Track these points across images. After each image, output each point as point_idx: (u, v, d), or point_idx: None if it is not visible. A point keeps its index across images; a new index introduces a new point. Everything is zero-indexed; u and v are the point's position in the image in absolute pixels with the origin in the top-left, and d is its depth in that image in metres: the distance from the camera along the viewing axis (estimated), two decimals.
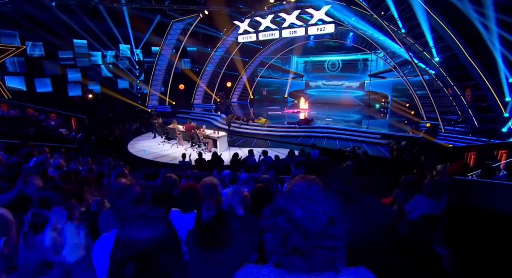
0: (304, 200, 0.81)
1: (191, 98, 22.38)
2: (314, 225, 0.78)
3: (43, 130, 10.34)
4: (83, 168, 5.89)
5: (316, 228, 0.78)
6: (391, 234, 4.78)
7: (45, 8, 13.98)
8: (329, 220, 0.80)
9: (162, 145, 12.92)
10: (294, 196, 0.83)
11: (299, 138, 13.83)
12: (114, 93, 19.01)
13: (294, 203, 0.80)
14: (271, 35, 16.97)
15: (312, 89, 25.10)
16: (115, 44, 18.82)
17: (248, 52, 22.22)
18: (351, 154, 8.90)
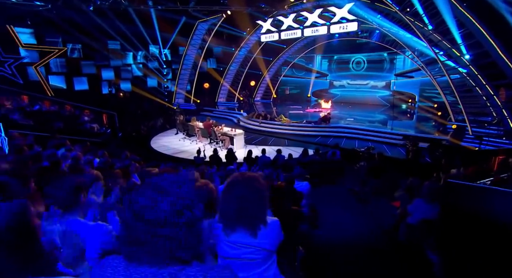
0: (151, 190, 0.79)
1: (215, 97, 22.77)
2: (154, 214, 0.76)
3: (73, 124, 11.07)
4: (100, 160, 6.23)
5: (155, 217, 0.76)
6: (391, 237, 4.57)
7: (83, 13, 14.90)
8: (173, 210, 0.78)
9: (182, 141, 13.29)
10: (143, 186, 0.82)
11: (317, 137, 13.56)
12: (143, 91, 19.84)
13: (139, 193, 0.79)
14: (293, 34, 16.78)
15: (336, 88, 24.45)
16: (145, 45, 19.61)
17: (271, 51, 22.13)
18: (365, 155, 8.57)
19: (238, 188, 1.43)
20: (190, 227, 0.80)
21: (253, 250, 1.46)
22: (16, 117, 8.90)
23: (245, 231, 1.44)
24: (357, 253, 4.46)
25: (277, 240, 1.51)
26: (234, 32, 20.06)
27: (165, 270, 0.78)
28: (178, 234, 0.78)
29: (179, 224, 0.78)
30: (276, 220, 1.53)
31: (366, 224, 5.82)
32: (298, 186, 4.42)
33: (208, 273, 0.80)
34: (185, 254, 0.80)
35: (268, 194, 1.49)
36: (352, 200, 7.48)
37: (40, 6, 13.40)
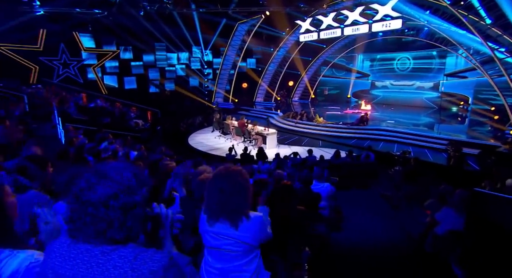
0: (91, 174, 0.85)
1: (253, 97, 23.04)
2: (89, 196, 0.81)
3: (120, 120, 12.04)
4: (138, 153, 6.70)
5: (89, 198, 0.81)
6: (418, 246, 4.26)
7: (134, 18, 16.11)
8: (107, 193, 0.82)
9: (218, 139, 13.69)
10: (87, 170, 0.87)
11: (353, 139, 13.03)
12: (185, 90, 20.82)
13: (80, 177, 0.85)
14: (332, 33, 16.31)
15: (378, 89, 23.19)
16: (188, 47, 20.55)
17: (311, 51, 21.73)
18: (400, 159, 8.02)
19: (219, 181, 1.46)
20: (126, 211, 0.84)
21: (233, 242, 1.48)
22: (73, 112, 9.99)
23: (227, 222, 1.47)
24: (378, 260, 4.23)
25: (258, 235, 1.51)
26: (273, 33, 20.10)
27: (98, 248, 0.83)
28: (110, 216, 0.82)
29: (114, 206, 0.82)
30: (259, 216, 1.53)
31: (394, 231, 5.49)
32: (317, 187, 4.30)
33: (140, 255, 0.84)
34: (118, 235, 0.84)
35: (250, 188, 1.50)
36: (383, 205, 7.09)
37: (98, 14, 14.79)
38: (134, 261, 0.82)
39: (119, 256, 0.83)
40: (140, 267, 0.82)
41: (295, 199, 2.59)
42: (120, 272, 0.80)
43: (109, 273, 0.80)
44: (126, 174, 0.88)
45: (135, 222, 0.87)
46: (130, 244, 0.86)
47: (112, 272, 0.80)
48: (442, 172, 8.09)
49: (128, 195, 0.85)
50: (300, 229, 2.53)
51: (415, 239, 4.55)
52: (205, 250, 1.57)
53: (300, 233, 2.53)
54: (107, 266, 0.81)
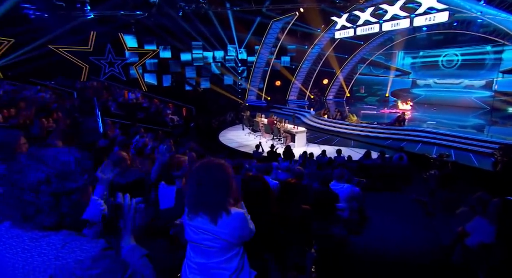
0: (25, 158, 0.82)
1: (286, 95, 22.79)
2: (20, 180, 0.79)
3: (155, 115, 12.63)
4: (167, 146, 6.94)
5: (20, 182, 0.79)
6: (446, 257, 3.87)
7: (172, 19, 16.77)
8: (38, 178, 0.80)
9: (247, 136, 13.75)
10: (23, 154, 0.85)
11: (388, 140, 12.27)
12: (220, 88, 21.22)
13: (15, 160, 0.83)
14: (370, 29, 15.51)
15: (420, 88, 21.58)
16: (223, 46, 20.89)
17: (347, 48, 20.88)
18: (437, 162, 7.35)
19: (198, 174, 1.41)
20: (58, 196, 0.82)
21: (211, 237, 1.42)
22: (112, 107, 10.72)
23: (206, 217, 1.42)
24: (400, 268, 3.92)
25: (238, 233, 1.44)
26: (308, 30, 19.63)
27: (28, 234, 0.81)
28: (40, 201, 0.79)
29: (44, 191, 0.80)
30: (240, 212, 1.46)
31: (424, 239, 5.05)
32: (336, 188, 4.09)
33: (69, 243, 0.81)
34: (47, 221, 0.81)
35: (230, 182, 1.43)
36: (415, 211, 6.58)
37: (140, 15, 15.65)
38: (61, 249, 0.79)
39: (48, 243, 0.80)
40: (66, 255, 0.79)
41: (299, 198, 2.46)
42: (43, 259, 0.78)
43: (33, 260, 0.78)
44: (64, 159, 0.85)
45: (70, 208, 0.84)
46: (63, 231, 0.83)
47: (36, 259, 0.78)
48: (486, 178, 7.26)
49: (62, 180, 0.82)
50: (304, 229, 2.40)
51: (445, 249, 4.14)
52: (188, 244, 1.53)
53: (303, 233, 2.40)
54: (32, 252, 0.78)
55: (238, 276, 1.48)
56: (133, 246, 1.08)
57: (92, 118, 8.83)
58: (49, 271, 0.76)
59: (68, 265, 0.78)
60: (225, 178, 1.41)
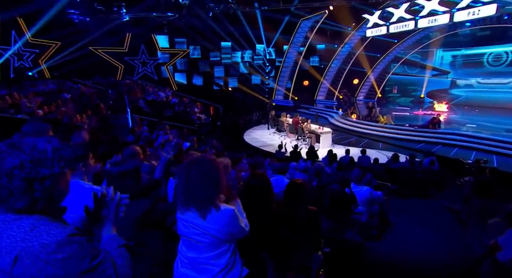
0: (5, 145, 0.86)
1: (314, 95, 22.39)
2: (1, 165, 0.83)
3: (183, 113, 13.02)
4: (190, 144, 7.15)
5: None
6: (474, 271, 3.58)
7: (202, 19, 17.20)
8: (13, 163, 0.82)
9: (272, 136, 13.70)
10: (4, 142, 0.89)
11: (420, 143, 11.56)
12: (247, 88, 21.36)
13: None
14: (404, 26, 14.75)
15: (460, 88, 20.08)
16: (251, 45, 21.00)
17: (379, 47, 19.95)
18: (473, 168, 6.77)
19: (188, 168, 1.41)
20: (31, 181, 0.85)
21: (200, 232, 1.42)
22: (142, 105, 11.23)
23: (195, 211, 1.42)
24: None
25: (227, 229, 1.42)
26: (338, 28, 19.10)
27: (2, 216, 0.84)
28: (12, 185, 0.83)
29: (17, 176, 0.83)
30: (230, 209, 1.44)
31: (451, 250, 4.67)
32: (355, 190, 3.92)
33: (38, 227, 0.83)
34: (18, 204, 0.84)
35: (220, 178, 1.42)
36: (446, 219, 6.12)
37: (171, 16, 16.24)
38: (29, 232, 0.82)
39: (18, 226, 0.82)
40: (32, 239, 0.81)
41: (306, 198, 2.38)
42: (11, 241, 0.80)
43: (2, 241, 0.80)
44: (41, 146, 0.88)
45: (43, 194, 0.87)
46: (36, 216, 0.86)
47: (5, 241, 0.80)
48: None
49: (36, 166, 0.85)
50: (311, 230, 2.33)
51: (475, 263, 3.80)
52: (180, 238, 1.55)
53: (310, 235, 2.32)
54: (2, 234, 0.81)
55: (228, 273, 1.46)
56: (113, 235, 1.10)
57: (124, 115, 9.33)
58: (15, 252, 0.79)
59: (33, 248, 0.80)
60: (214, 174, 1.40)
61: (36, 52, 15.16)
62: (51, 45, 15.42)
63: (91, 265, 0.86)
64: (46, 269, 0.79)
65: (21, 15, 13.94)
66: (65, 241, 0.83)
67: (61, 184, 0.92)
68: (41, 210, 0.88)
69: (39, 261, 0.79)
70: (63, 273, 0.81)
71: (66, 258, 0.82)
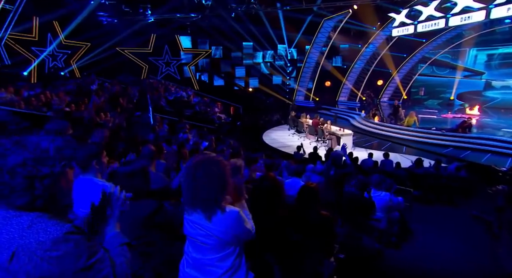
0: (10, 142, 0.88)
1: (336, 96, 21.96)
2: (1, 162, 0.84)
3: (203, 113, 13.23)
4: (208, 143, 7.25)
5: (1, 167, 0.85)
6: None
7: (224, 20, 17.39)
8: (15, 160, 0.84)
9: (291, 137, 13.57)
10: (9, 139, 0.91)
11: (448, 148, 10.99)
12: (268, 88, 21.32)
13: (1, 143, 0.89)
14: (433, 25, 14.09)
15: (496, 90, 18.86)
16: (273, 45, 20.94)
17: (406, 47, 19.19)
18: (507, 176, 6.32)
19: (192, 169, 1.41)
20: (32, 179, 0.87)
21: (204, 233, 1.42)
22: (163, 104, 11.53)
23: (201, 212, 1.41)
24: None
25: (231, 231, 1.40)
26: (362, 28, 18.58)
27: (3, 212, 0.86)
28: (14, 182, 0.85)
29: (19, 173, 0.85)
30: (235, 211, 1.42)
31: (479, 263, 4.39)
32: (373, 195, 3.78)
33: (36, 224, 0.85)
34: (18, 201, 0.86)
35: (226, 179, 1.40)
36: (475, 230, 5.77)
37: (194, 17, 16.56)
38: (27, 229, 0.83)
39: (17, 223, 0.84)
40: (30, 235, 0.82)
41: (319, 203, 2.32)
42: (10, 237, 0.82)
43: (1, 237, 0.83)
44: (44, 145, 0.91)
45: (43, 192, 0.88)
46: (35, 213, 0.88)
47: (4, 237, 0.82)
48: None
49: (37, 164, 0.88)
50: (323, 236, 2.26)
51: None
52: (187, 239, 1.55)
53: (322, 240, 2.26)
54: (2, 230, 0.84)
55: (233, 275, 1.44)
56: (115, 233, 1.12)
57: (146, 113, 9.61)
58: (12, 248, 0.81)
59: (30, 245, 0.81)
60: (220, 174, 1.39)
61: (68, 53, 16.02)
62: (81, 46, 16.24)
63: (87, 264, 0.87)
64: (41, 266, 0.81)
65: (56, 18, 14.79)
66: (61, 239, 0.84)
67: (62, 183, 0.94)
68: (42, 207, 0.90)
69: (35, 258, 0.81)
70: (58, 271, 0.82)
71: (61, 256, 0.83)
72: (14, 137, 0.91)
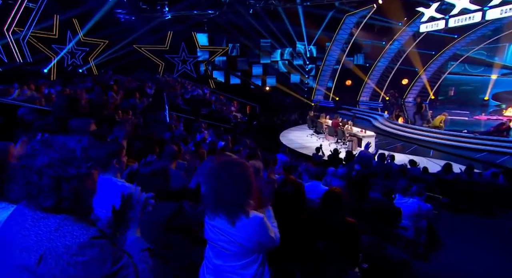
0: (38, 143, 0.89)
1: (357, 95, 21.53)
2: (28, 161, 0.85)
3: (219, 112, 13.30)
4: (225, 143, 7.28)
5: (27, 163, 0.85)
6: None
7: (242, 16, 17.43)
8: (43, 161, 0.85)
9: (310, 137, 13.41)
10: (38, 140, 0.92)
11: (481, 153, 10.50)
12: (285, 87, 21.19)
13: (31, 144, 0.90)
14: (468, 19, 13.48)
15: None
16: (292, 43, 20.79)
17: (435, 43, 18.51)
18: None
19: (217, 171, 1.39)
20: (59, 180, 0.87)
21: (227, 239, 1.39)
22: (179, 102, 11.69)
23: (224, 217, 1.39)
24: None
25: (255, 238, 1.37)
26: (387, 24, 18.10)
27: (31, 214, 0.88)
28: (41, 183, 0.85)
29: (46, 174, 0.86)
30: (259, 216, 1.39)
31: None
32: (399, 202, 3.65)
33: (63, 227, 0.85)
34: (45, 203, 0.87)
35: (251, 183, 1.37)
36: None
37: (211, 14, 16.71)
38: (55, 232, 0.84)
39: (45, 225, 0.86)
40: (57, 239, 0.83)
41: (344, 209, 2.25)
42: (38, 239, 0.83)
43: (29, 239, 0.84)
44: (70, 145, 0.91)
45: (69, 193, 0.89)
46: (62, 215, 0.89)
47: (32, 239, 0.84)
48: None
49: (64, 165, 0.88)
50: (348, 244, 2.20)
51: None
52: (207, 244, 1.53)
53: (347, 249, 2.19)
54: (30, 231, 0.85)
55: None
56: (136, 238, 1.11)
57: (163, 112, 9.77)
58: (40, 251, 0.83)
59: (57, 249, 0.83)
60: (244, 177, 1.36)
61: (86, 50, 16.58)
62: (99, 43, 16.76)
63: (112, 270, 0.87)
64: (68, 271, 0.82)
65: (75, 16, 15.34)
66: (87, 243, 0.85)
67: (87, 184, 0.95)
68: (68, 209, 0.90)
69: (61, 262, 0.82)
70: (83, 276, 0.83)
71: (87, 261, 0.84)
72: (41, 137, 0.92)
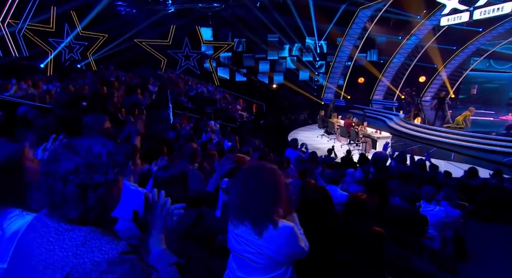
0: (62, 146, 0.84)
1: (370, 94, 21.36)
2: (50, 167, 0.82)
3: (224, 110, 13.27)
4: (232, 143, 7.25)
5: (49, 170, 0.81)
6: None
7: (249, 10, 17.40)
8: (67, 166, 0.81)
9: (320, 138, 13.33)
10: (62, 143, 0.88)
11: (509, 156, 10.33)
12: (294, 84, 21.11)
13: (53, 148, 0.86)
14: (495, 11, 13.21)
15: None
16: (301, 38, 20.70)
17: (456, 37, 18.23)
18: None
19: (244, 177, 1.34)
20: (85, 188, 0.83)
21: (254, 251, 1.34)
22: (183, 100, 11.69)
23: (250, 226, 1.34)
24: None
25: (285, 249, 1.32)
26: (404, 17, 17.91)
27: (55, 225, 0.84)
28: (66, 191, 0.81)
29: (71, 181, 0.81)
30: (289, 226, 1.33)
31: None
32: (424, 210, 3.57)
33: (90, 241, 0.82)
34: (71, 213, 0.83)
35: (281, 190, 1.32)
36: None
37: (217, 7, 16.71)
38: (81, 246, 0.81)
39: (70, 238, 0.82)
40: (84, 254, 0.79)
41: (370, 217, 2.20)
42: (63, 255, 0.79)
43: (54, 254, 0.80)
44: (96, 150, 0.87)
45: (96, 202, 0.85)
46: (88, 227, 0.85)
47: (57, 254, 0.80)
48: None
49: (90, 171, 0.84)
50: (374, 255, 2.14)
51: None
52: (231, 254, 1.49)
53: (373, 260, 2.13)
54: (55, 245, 0.81)
55: None
56: (162, 250, 1.07)
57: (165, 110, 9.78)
58: (67, 268, 0.78)
59: (84, 265, 0.79)
60: (274, 184, 1.32)
61: (85, 45, 16.68)
62: (99, 37, 16.85)
63: None
64: None
65: (73, 8, 15.43)
66: (117, 260, 0.81)
67: (113, 192, 0.91)
68: (93, 220, 0.86)
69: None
70: None
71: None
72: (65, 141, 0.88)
